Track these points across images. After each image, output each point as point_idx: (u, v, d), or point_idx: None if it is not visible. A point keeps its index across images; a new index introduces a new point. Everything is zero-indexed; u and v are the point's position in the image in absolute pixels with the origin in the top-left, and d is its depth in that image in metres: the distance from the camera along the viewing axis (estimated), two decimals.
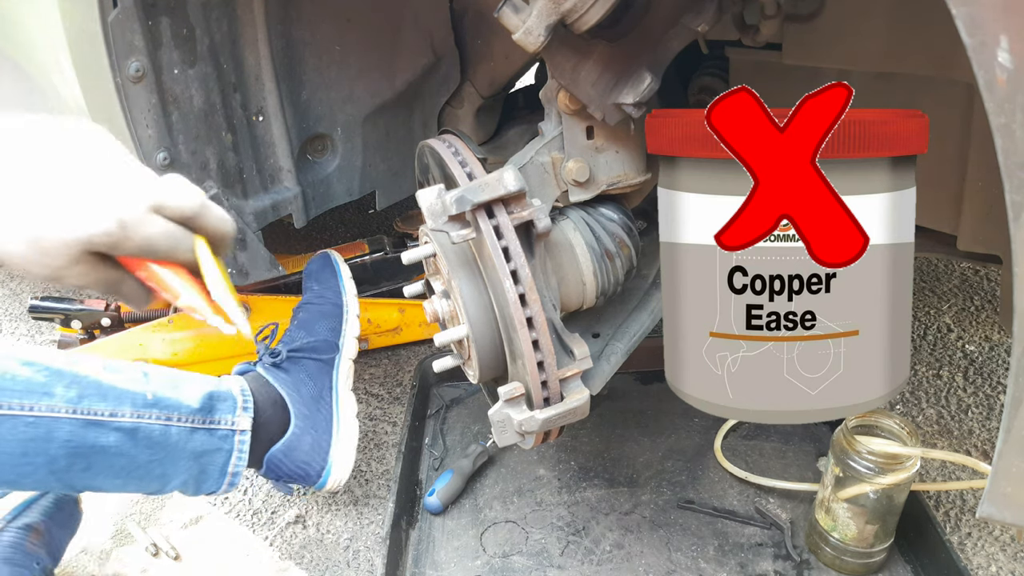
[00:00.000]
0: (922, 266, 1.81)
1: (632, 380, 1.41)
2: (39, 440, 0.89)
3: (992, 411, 1.33)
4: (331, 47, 1.18)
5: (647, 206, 1.07)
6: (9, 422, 0.87)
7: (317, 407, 1.15)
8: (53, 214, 0.59)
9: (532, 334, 0.75)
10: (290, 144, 1.18)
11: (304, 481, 1.13)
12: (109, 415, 0.94)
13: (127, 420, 0.95)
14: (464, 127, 1.37)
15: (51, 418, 0.90)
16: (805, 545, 1.06)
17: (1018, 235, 0.48)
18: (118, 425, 0.94)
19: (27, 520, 1.02)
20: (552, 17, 0.69)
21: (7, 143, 0.62)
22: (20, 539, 0.99)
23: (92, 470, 0.93)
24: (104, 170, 0.63)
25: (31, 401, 0.89)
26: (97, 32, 0.90)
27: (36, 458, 0.89)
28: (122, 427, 0.94)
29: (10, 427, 0.87)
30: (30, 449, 0.88)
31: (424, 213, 0.76)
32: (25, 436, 0.88)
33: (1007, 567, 1.05)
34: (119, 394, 0.95)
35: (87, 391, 0.93)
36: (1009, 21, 0.44)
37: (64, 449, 0.90)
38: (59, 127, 0.65)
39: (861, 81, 0.90)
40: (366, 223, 2.25)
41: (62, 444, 0.90)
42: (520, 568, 1.06)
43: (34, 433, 0.88)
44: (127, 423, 0.95)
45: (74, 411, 0.91)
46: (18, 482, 0.91)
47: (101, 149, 0.65)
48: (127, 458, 0.95)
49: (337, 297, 1.30)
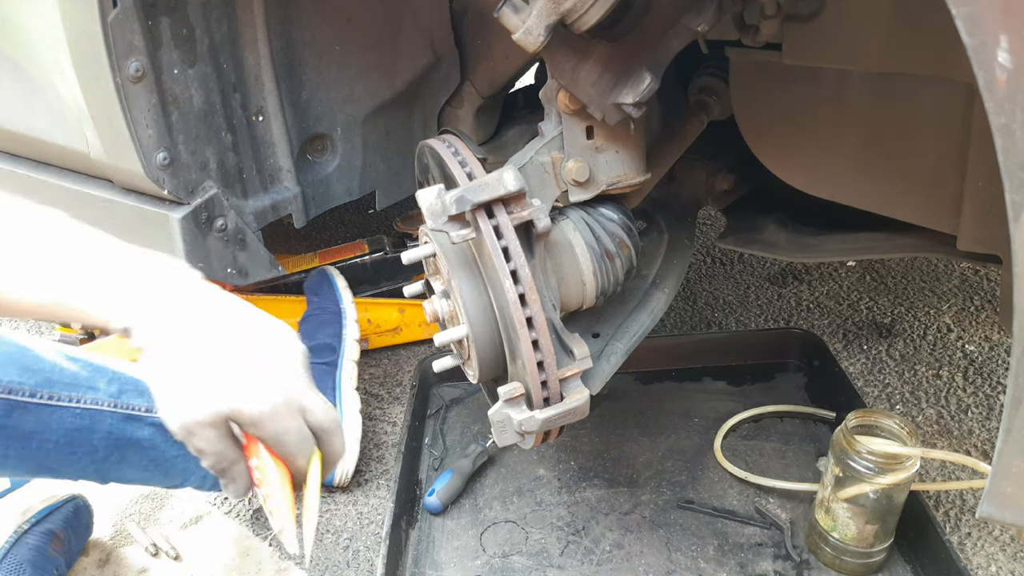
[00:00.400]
0: (922, 266, 1.81)
1: (632, 380, 1.42)
2: (84, 431, 0.94)
3: (992, 411, 1.33)
4: (331, 47, 1.18)
5: (647, 206, 1.07)
6: (58, 413, 0.92)
7: None
8: (221, 379, 0.62)
9: (532, 334, 0.75)
10: (290, 144, 1.18)
11: None
12: (145, 410, 0.99)
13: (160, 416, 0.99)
14: (464, 127, 1.37)
15: (95, 411, 0.96)
16: (805, 545, 1.06)
17: (1018, 235, 0.48)
18: (152, 420, 0.99)
19: (49, 526, 1.07)
20: (552, 17, 0.69)
21: (185, 306, 0.65)
22: (43, 544, 1.03)
23: (125, 462, 0.99)
24: (276, 350, 0.66)
25: (78, 394, 0.95)
26: (97, 32, 0.90)
27: (80, 448, 0.95)
28: (156, 422, 0.99)
29: (59, 418, 0.93)
30: (75, 439, 0.94)
31: (424, 213, 0.76)
32: (72, 427, 0.94)
33: (1007, 567, 1.05)
34: None
35: (126, 386, 0.99)
36: (1009, 21, 0.44)
37: (105, 441, 0.96)
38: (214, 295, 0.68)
39: (861, 81, 0.90)
40: (366, 223, 2.25)
41: (104, 436, 0.96)
42: (520, 568, 1.06)
43: (80, 424, 0.94)
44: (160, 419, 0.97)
45: (115, 405, 0.97)
46: (59, 471, 0.96)
47: (276, 330, 0.68)
48: (157, 452, 1.01)
49: (335, 305, 1.36)
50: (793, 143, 1.01)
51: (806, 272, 1.82)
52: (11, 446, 0.91)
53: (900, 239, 1.06)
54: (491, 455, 1.24)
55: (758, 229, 1.19)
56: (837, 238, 1.12)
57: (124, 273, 0.65)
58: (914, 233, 1.03)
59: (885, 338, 1.56)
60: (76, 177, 1.23)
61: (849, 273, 1.81)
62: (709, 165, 1.19)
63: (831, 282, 1.78)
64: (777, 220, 1.18)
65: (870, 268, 1.82)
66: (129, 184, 1.11)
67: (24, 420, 0.91)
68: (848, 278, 1.79)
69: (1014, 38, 0.44)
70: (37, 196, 1.32)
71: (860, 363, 1.49)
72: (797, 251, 1.15)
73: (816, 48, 0.87)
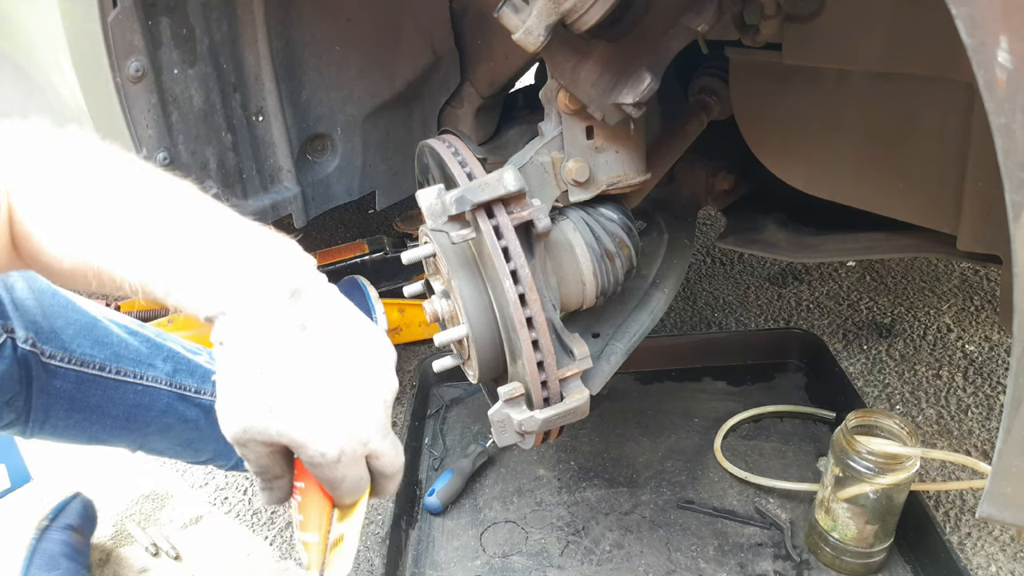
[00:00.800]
0: (922, 266, 1.81)
1: (632, 380, 1.41)
2: (142, 408, 0.98)
3: (992, 411, 1.33)
4: (331, 47, 1.18)
5: (647, 206, 1.07)
6: (122, 388, 0.96)
7: None
8: (291, 403, 0.54)
9: (532, 334, 0.75)
10: (290, 144, 1.18)
11: None
12: (195, 391, 1.03)
13: (208, 397, 1.04)
14: (464, 127, 1.37)
15: (154, 388, 0.99)
16: (805, 545, 1.06)
17: (1018, 235, 0.48)
18: (199, 401, 1.03)
19: (68, 520, 1.12)
20: (552, 17, 0.69)
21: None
22: (67, 537, 1.06)
23: (167, 437, 1.03)
24: (364, 380, 0.57)
25: (141, 370, 0.98)
26: (97, 32, 0.90)
27: (135, 423, 0.98)
28: (202, 403, 1.04)
29: (122, 393, 0.96)
30: (133, 415, 0.98)
31: (424, 213, 0.76)
32: (133, 403, 0.98)
33: (1007, 567, 1.05)
34: (204, 373, 1.05)
35: (180, 366, 1.03)
36: (1009, 21, 0.44)
37: (158, 418, 1.00)
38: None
39: (861, 81, 0.90)
40: (366, 223, 2.25)
41: (158, 413, 1.00)
42: (520, 568, 1.06)
43: (140, 401, 0.98)
44: (207, 400, 1.04)
45: (170, 384, 1.01)
46: (106, 440, 0.99)
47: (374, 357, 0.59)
48: (199, 432, 1.04)
49: (369, 315, 1.38)
50: (793, 143, 1.01)
51: (806, 272, 1.82)
52: (74, 416, 0.94)
53: (900, 239, 1.06)
54: (491, 455, 1.24)
55: (758, 229, 1.19)
56: (837, 238, 1.12)
57: (224, 257, 0.56)
58: (914, 233, 1.03)
59: (885, 338, 1.56)
60: None
61: (849, 273, 1.81)
62: (709, 165, 1.19)
63: (831, 282, 1.78)
64: (777, 220, 1.18)
65: (870, 268, 1.82)
66: None
67: (91, 393, 0.94)
68: (848, 278, 1.79)
69: (1014, 38, 0.44)
70: None
71: (860, 363, 1.49)
72: (797, 251, 1.15)
73: (816, 48, 0.87)
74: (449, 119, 1.38)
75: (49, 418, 0.93)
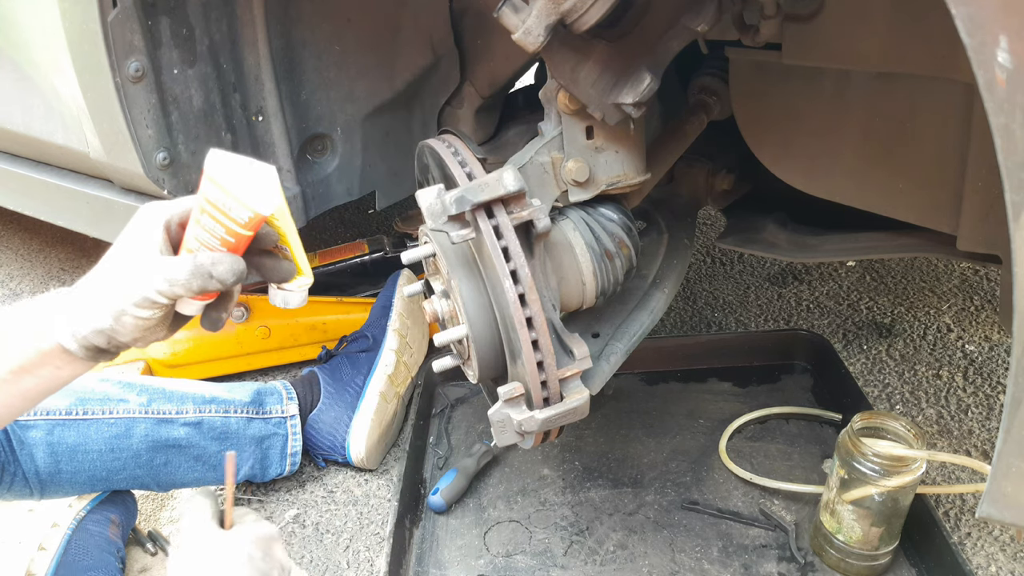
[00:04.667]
0: (922, 266, 1.81)
1: (637, 381, 1.41)
2: (121, 437, 1.07)
3: (992, 411, 1.33)
4: (331, 47, 1.18)
5: (647, 206, 1.07)
6: (95, 425, 1.06)
7: (346, 386, 1.29)
8: None
9: (532, 334, 0.75)
10: (290, 144, 1.18)
11: (334, 452, 1.27)
12: (176, 413, 1.12)
13: (191, 416, 1.13)
14: (464, 127, 1.37)
15: (129, 418, 1.08)
16: (810, 547, 1.06)
17: (1018, 235, 0.48)
18: (184, 420, 1.12)
19: (106, 512, 1.11)
20: (552, 17, 0.69)
21: None
22: (103, 529, 1.08)
23: (171, 464, 1.11)
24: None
25: (110, 407, 1.08)
26: (97, 32, 0.90)
27: (121, 453, 1.07)
28: (188, 422, 1.12)
29: (96, 429, 1.05)
30: (115, 445, 1.06)
31: (424, 213, 0.76)
32: (109, 434, 1.06)
33: (1007, 567, 1.05)
34: (181, 395, 1.14)
35: (155, 396, 1.12)
36: (1009, 21, 0.44)
37: (144, 444, 1.08)
38: None
39: (861, 81, 0.90)
40: (366, 223, 2.25)
41: (141, 439, 1.08)
42: (523, 568, 1.06)
43: (116, 431, 1.07)
44: (192, 418, 1.13)
45: (147, 412, 1.10)
46: (110, 478, 1.08)
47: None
48: (198, 448, 1.13)
49: (388, 301, 1.44)
50: (793, 143, 1.01)
51: (806, 272, 1.82)
52: (61, 460, 1.03)
53: (900, 239, 1.06)
54: (495, 454, 1.24)
55: (758, 229, 1.19)
56: (837, 238, 1.12)
57: None
58: (914, 233, 1.03)
59: (885, 338, 1.56)
60: (76, 177, 1.23)
61: (849, 273, 1.81)
62: (709, 165, 1.19)
63: (831, 282, 1.78)
64: (777, 220, 1.18)
65: (870, 268, 1.82)
66: (129, 184, 1.11)
67: (66, 435, 1.03)
68: (848, 278, 1.79)
69: (1014, 38, 0.44)
70: (37, 196, 1.33)
71: (860, 363, 1.49)
72: (797, 251, 1.15)
73: (816, 48, 0.87)
74: (449, 119, 1.38)
75: (40, 469, 1.01)
